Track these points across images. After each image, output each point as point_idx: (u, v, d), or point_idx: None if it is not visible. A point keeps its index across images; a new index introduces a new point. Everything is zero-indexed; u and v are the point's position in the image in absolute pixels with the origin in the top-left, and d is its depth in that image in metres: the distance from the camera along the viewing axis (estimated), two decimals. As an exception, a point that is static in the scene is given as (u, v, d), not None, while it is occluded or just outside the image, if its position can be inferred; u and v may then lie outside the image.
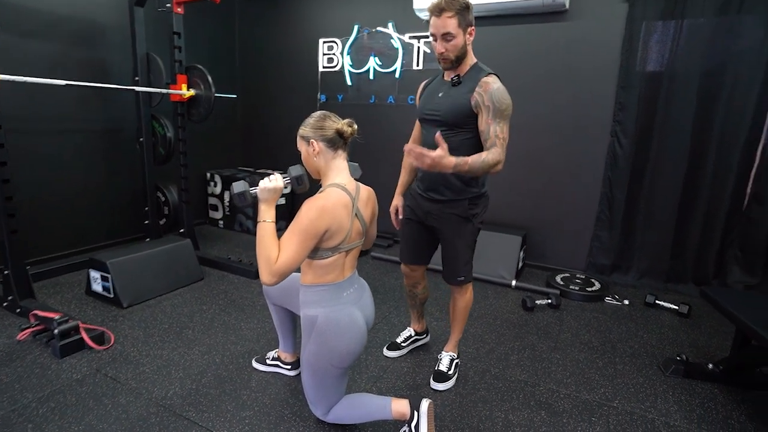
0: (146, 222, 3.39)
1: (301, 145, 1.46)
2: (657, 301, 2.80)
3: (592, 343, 2.37)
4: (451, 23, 1.59)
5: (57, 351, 2.02)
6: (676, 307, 2.72)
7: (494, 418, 1.76)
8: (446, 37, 1.61)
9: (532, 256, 3.49)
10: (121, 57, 3.36)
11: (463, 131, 1.69)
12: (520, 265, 3.29)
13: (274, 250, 1.33)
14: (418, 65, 3.66)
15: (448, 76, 1.74)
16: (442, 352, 2.06)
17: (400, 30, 3.67)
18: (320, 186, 1.48)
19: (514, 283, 3.07)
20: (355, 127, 1.46)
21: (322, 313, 1.46)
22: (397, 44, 3.70)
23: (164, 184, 3.53)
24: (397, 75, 3.76)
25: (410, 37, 3.64)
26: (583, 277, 3.17)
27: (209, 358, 2.08)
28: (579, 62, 3.09)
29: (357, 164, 1.57)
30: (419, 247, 1.97)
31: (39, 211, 3.04)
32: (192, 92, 3.12)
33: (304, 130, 1.44)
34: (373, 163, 2.97)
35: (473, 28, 1.65)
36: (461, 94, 1.67)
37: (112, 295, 2.56)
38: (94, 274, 2.63)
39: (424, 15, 3.42)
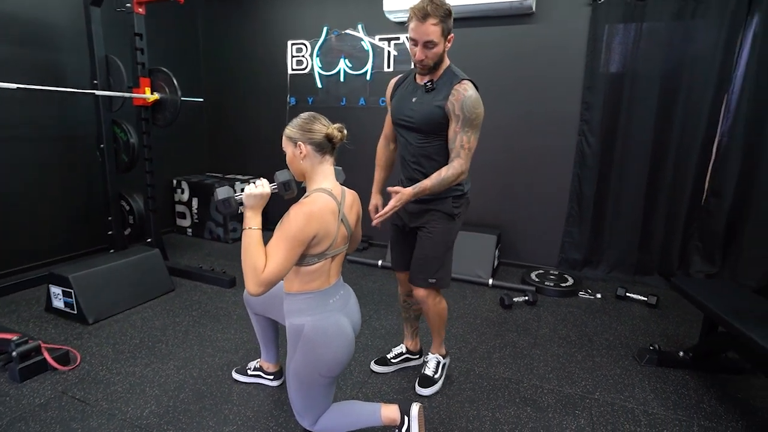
0: (110, 232, 3.22)
1: (287, 146, 1.41)
2: (627, 294, 2.90)
3: (570, 338, 2.43)
4: (434, 31, 1.54)
5: (16, 375, 1.88)
6: (645, 299, 2.83)
7: (482, 417, 1.76)
8: (428, 44, 1.56)
9: (507, 255, 3.54)
10: (77, 59, 3.19)
11: (439, 138, 1.67)
12: (496, 263, 3.34)
13: (261, 258, 1.28)
14: (389, 67, 3.66)
15: (422, 80, 1.69)
16: (429, 354, 2.03)
17: (369, 32, 3.66)
18: (304, 190, 1.44)
19: (491, 281, 3.11)
20: (345, 132, 1.41)
21: (308, 321, 1.41)
22: (367, 46, 3.69)
23: (128, 192, 3.37)
24: (368, 77, 3.74)
25: (380, 39, 3.64)
26: (557, 273, 3.25)
27: (186, 373, 1.99)
28: (547, 63, 3.17)
29: (340, 168, 1.53)
30: (408, 253, 1.88)
31: (-11, 225, 2.84)
32: (156, 96, 2.99)
33: (292, 131, 1.39)
34: (345, 165, 2.92)
35: (452, 35, 1.62)
36: (435, 102, 1.63)
37: (75, 312, 2.41)
38: (55, 290, 2.47)
39: (393, 17, 3.43)
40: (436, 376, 1.94)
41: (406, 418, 1.49)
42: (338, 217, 1.39)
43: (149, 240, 3.23)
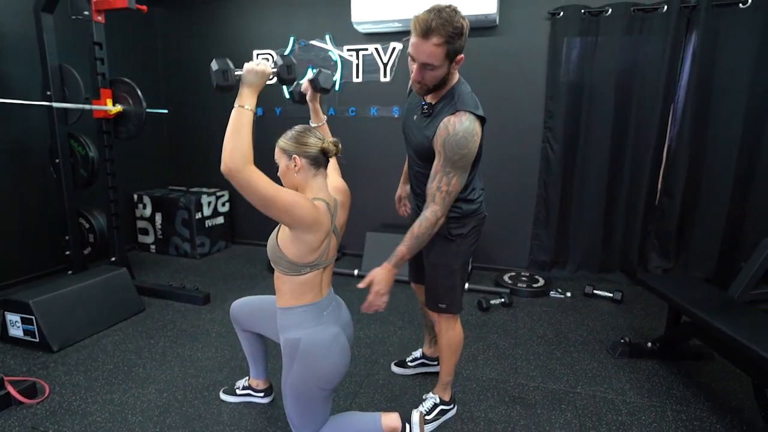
0: (67, 253, 3.03)
1: (281, 159, 1.39)
2: (594, 291, 3.07)
3: (547, 336, 2.53)
4: (436, 53, 1.31)
5: (-23, 412, 1.73)
6: (611, 295, 3.00)
7: (476, 418, 1.81)
8: (427, 66, 1.35)
9: (479, 259, 3.64)
10: (26, 69, 2.99)
11: None
12: (470, 268, 3.42)
13: (250, 146, 1.17)
14: (357, 77, 3.70)
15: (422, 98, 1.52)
16: (429, 392, 1.84)
17: (337, 43, 3.68)
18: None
19: (466, 285, 3.19)
20: (341, 146, 1.41)
21: (304, 335, 1.40)
22: (335, 57, 3.70)
23: (87, 208, 3.18)
24: (336, 87, 3.75)
25: (348, 50, 3.66)
26: (528, 274, 3.38)
27: (169, 396, 1.90)
28: (511, 74, 3.32)
29: (329, 72, 1.47)
30: (419, 267, 1.79)
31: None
32: (119, 108, 2.86)
33: (286, 143, 1.37)
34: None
35: (462, 56, 1.38)
36: (427, 131, 1.46)
37: (37, 339, 2.24)
38: (12, 317, 2.28)
39: (362, 28, 3.47)
40: (428, 418, 1.71)
41: (407, 426, 1.50)
42: (330, 228, 1.39)
43: (113, 259, 3.05)
